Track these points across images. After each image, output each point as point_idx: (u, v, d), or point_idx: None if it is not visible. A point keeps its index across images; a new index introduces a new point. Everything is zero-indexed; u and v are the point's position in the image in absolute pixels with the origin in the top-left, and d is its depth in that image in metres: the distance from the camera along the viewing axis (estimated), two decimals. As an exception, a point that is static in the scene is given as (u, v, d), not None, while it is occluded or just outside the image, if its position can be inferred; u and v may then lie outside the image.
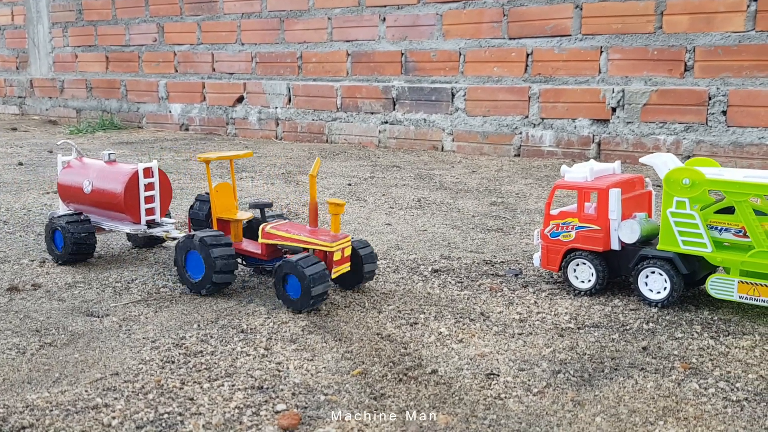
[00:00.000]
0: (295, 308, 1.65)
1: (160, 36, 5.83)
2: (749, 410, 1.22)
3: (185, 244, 1.77)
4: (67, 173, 2.11)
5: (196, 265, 1.77)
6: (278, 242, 1.76)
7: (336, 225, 1.71)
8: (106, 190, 2.01)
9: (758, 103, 3.53)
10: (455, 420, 1.20)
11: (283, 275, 1.65)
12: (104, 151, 2.09)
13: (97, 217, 2.08)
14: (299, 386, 1.31)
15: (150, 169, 2.03)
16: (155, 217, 2.05)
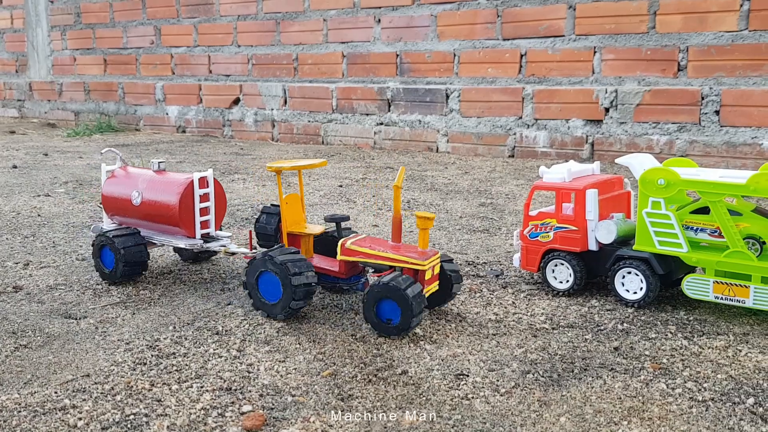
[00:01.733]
0: (390, 334, 1.51)
1: (158, 38, 5.85)
2: (714, 410, 1.22)
3: (261, 264, 1.59)
4: (112, 184, 1.95)
5: (272, 287, 1.60)
6: (361, 259, 1.59)
7: (424, 241, 1.55)
8: (159, 202, 1.85)
9: (751, 102, 3.52)
10: (420, 420, 1.21)
11: (376, 297, 1.50)
12: (153, 159, 1.95)
13: (147, 231, 1.92)
14: (268, 387, 1.32)
15: (205, 178, 1.87)
16: (210, 231, 1.89)
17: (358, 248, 1.59)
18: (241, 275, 1.95)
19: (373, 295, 1.50)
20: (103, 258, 1.89)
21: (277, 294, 1.59)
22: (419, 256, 1.53)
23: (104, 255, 1.89)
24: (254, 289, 1.62)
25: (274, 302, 1.60)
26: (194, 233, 1.86)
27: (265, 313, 1.63)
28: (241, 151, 4.67)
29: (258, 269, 1.60)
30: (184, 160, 4.20)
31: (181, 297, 1.82)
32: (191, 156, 4.40)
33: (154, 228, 1.90)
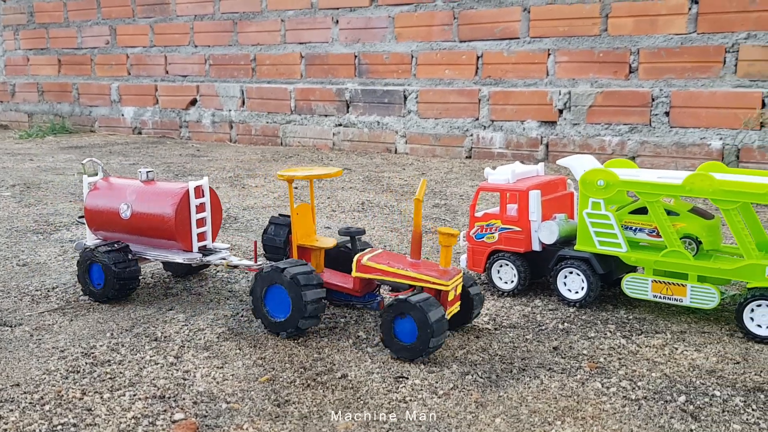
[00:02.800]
0: (407, 356, 1.41)
1: (113, 38, 5.74)
2: (646, 409, 1.24)
3: (270, 277, 1.49)
4: (96, 197, 1.82)
5: (279, 303, 1.50)
6: (378, 277, 1.50)
7: (447, 258, 1.45)
8: (152, 214, 1.72)
9: (699, 103, 3.60)
10: (355, 424, 1.20)
11: (393, 317, 1.40)
12: (141, 169, 1.82)
13: (138, 246, 1.79)
14: (202, 394, 1.29)
15: (201, 187, 1.75)
16: (207, 243, 1.78)
17: (376, 265, 1.49)
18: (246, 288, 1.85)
19: (391, 313, 1.40)
20: (91, 276, 1.75)
21: (285, 310, 1.50)
22: (442, 275, 1.44)
23: (93, 273, 1.75)
24: (260, 305, 1.52)
25: (281, 319, 1.50)
26: (191, 246, 1.74)
27: (272, 330, 1.53)
28: (197, 152, 4.61)
29: (266, 283, 1.50)
30: (138, 162, 4.13)
31: (122, 302, 1.78)
32: (146, 158, 4.33)
33: (146, 242, 1.78)
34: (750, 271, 1.52)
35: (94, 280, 1.75)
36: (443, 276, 1.44)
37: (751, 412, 1.22)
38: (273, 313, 1.52)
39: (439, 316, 1.38)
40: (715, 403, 1.26)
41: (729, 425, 1.18)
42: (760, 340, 1.50)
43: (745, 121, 3.48)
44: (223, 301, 1.78)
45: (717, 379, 1.35)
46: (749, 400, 1.26)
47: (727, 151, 3.54)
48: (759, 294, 1.50)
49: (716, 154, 3.56)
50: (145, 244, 1.79)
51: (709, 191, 1.53)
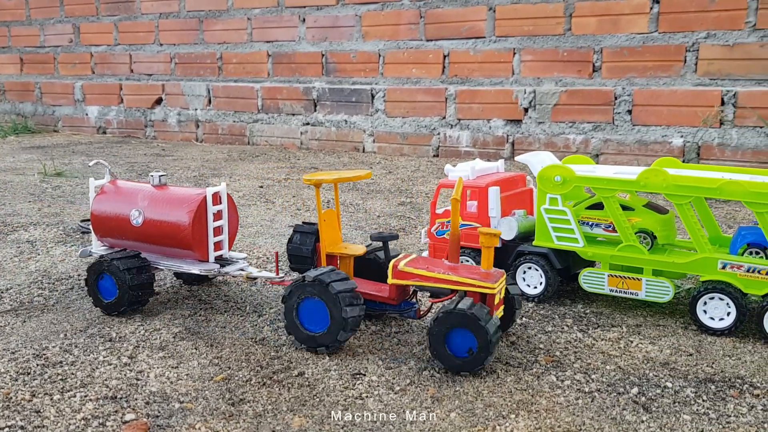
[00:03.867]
0: (460, 369, 1.33)
1: (76, 37, 5.64)
2: (599, 401, 1.25)
3: (306, 289, 1.40)
4: (104, 201, 1.71)
5: (316, 316, 1.41)
6: (418, 283, 1.42)
7: (488, 260, 1.39)
8: (166, 222, 1.62)
9: (661, 102, 3.66)
10: (310, 422, 1.19)
11: (446, 327, 1.32)
12: (153, 173, 1.72)
13: (150, 255, 1.68)
14: (155, 395, 1.27)
15: (218, 193, 1.65)
16: (223, 252, 1.68)
17: (414, 270, 1.41)
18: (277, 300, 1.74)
19: (444, 324, 1.32)
20: (101, 287, 1.64)
21: (322, 323, 1.41)
22: (485, 277, 1.37)
23: (104, 283, 1.63)
24: (293, 317, 1.43)
25: (318, 332, 1.41)
26: (207, 256, 1.64)
27: (307, 344, 1.43)
28: (162, 152, 4.55)
29: (300, 295, 1.42)
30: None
31: (78, 303, 1.75)
32: (109, 158, 4.26)
33: (158, 251, 1.67)
34: (703, 265, 1.55)
35: (104, 292, 1.64)
36: (488, 278, 1.36)
37: (701, 403, 1.25)
38: (308, 326, 1.43)
39: (497, 327, 1.31)
40: (667, 394, 1.27)
41: (679, 416, 1.20)
42: (712, 332, 1.53)
43: (703, 119, 3.54)
44: (181, 300, 1.76)
45: (670, 371, 1.37)
46: (700, 391, 1.29)
47: (687, 149, 3.60)
48: (711, 287, 1.53)
49: (677, 152, 3.62)
50: (157, 253, 1.68)
51: (662, 186, 1.56)
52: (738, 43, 3.48)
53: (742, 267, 1.51)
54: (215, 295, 1.79)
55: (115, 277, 1.60)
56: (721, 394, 1.28)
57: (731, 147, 3.52)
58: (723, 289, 1.51)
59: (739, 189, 1.49)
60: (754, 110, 3.44)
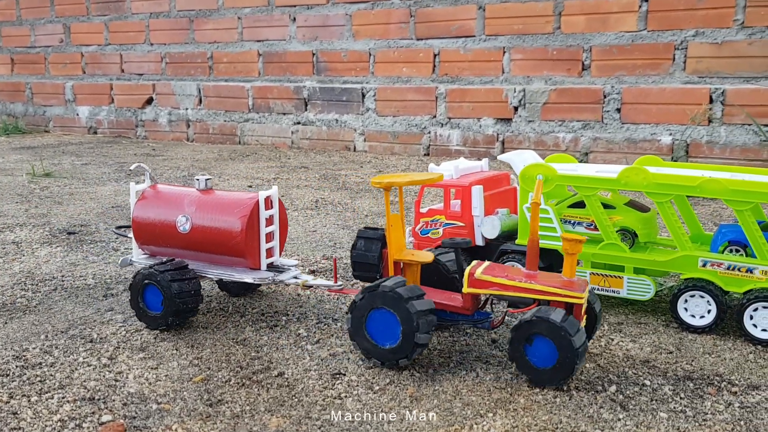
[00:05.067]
0: (542, 382, 1.27)
1: (67, 37, 5.63)
2: (577, 399, 1.25)
3: (372, 300, 1.33)
4: (147, 207, 1.62)
5: (385, 329, 1.33)
6: (497, 292, 1.34)
7: (572, 267, 1.30)
8: (216, 228, 1.54)
9: (650, 100, 3.66)
10: (287, 422, 1.19)
11: (527, 336, 1.26)
12: (199, 176, 1.63)
13: (197, 264, 1.60)
14: (133, 395, 1.27)
15: (270, 198, 1.58)
16: (274, 259, 1.61)
17: (492, 278, 1.34)
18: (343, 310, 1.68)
19: (524, 332, 1.26)
20: (148, 299, 1.53)
21: (392, 337, 1.33)
22: (568, 286, 1.29)
23: (149, 295, 1.53)
24: (360, 328, 1.36)
25: (387, 346, 1.34)
26: (259, 264, 1.56)
27: (375, 358, 1.36)
28: (153, 152, 4.54)
29: (370, 306, 1.34)
30: (90, 162, 4.06)
31: (60, 304, 1.75)
32: (99, 158, 4.25)
33: (206, 259, 1.59)
34: (683, 263, 1.55)
35: (150, 304, 1.54)
36: (572, 287, 1.29)
37: (678, 401, 1.25)
38: (376, 339, 1.35)
39: (584, 338, 1.25)
40: (645, 392, 1.28)
41: (656, 413, 1.20)
42: (693, 330, 1.53)
43: (691, 116, 3.55)
44: (164, 301, 1.76)
45: (649, 369, 1.37)
46: (678, 389, 1.29)
47: (676, 146, 3.61)
48: (692, 284, 1.53)
49: (666, 150, 3.63)
50: (204, 261, 1.59)
51: (643, 185, 1.56)
52: (726, 41, 3.48)
53: (723, 265, 1.51)
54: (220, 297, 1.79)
55: (162, 289, 1.50)
56: (699, 391, 1.28)
57: (720, 145, 3.53)
58: (703, 287, 1.52)
59: (719, 187, 1.49)
60: (742, 108, 3.45)
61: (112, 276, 1.96)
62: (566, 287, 1.29)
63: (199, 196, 1.60)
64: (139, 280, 1.53)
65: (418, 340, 1.30)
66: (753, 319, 1.48)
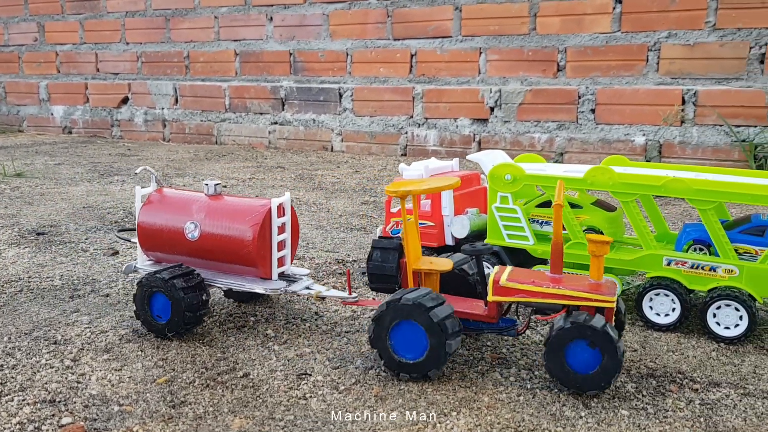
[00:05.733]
0: (581, 388, 1.24)
1: (41, 35, 5.56)
2: (540, 397, 1.26)
3: (398, 311, 1.28)
4: (152, 212, 1.56)
5: (411, 341, 1.29)
6: (524, 299, 1.30)
7: (599, 270, 1.27)
8: (227, 236, 1.49)
9: (623, 101, 3.70)
10: (250, 423, 1.18)
11: (567, 342, 1.23)
12: (208, 182, 1.57)
13: (205, 272, 1.55)
14: (95, 397, 1.26)
15: (282, 205, 1.54)
16: (285, 268, 1.56)
17: (519, 285, 1.30)
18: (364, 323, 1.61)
19: (564, 338, 1.22)
20: (154, 306, 1.48)
21: (418, 349, 1.29)
22: (596, 289, 1.26)
23: (156, 302, 1.48)
24: (384, 342, 1.31)
25: (413, 359, 1.30)
26: (270, 273, 1.51)
27: (397, 371, 1.32)
28: (128, 152, 4.50)
29: (395, 318, 1.29)
30: (63, 162, 4.01)
31: (26, 305, 1.72)
32: (72, 158, 4.20)
33: (214, 267, 1.53)
34: (648, 262, 1.57)
35: (156, 311, 1.49)
36: (601, 290, 1.25)
37: (640, 398, 1.26)
38: (399, 352, 1.31)
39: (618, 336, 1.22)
40: (608, 390, 1.29)
41: (618, 411, 1.21)
42: (658, 328, 1.55)
43: (664, 117, 3.59)
44: (131, 302, 1.74)
45: (613, 367, 1.38)
46: (641, 386, 1.30)
47: (650, 147, 3.65)
48: (657, 283, 1.55)
49: (640, 150, 3.67)
50: (212, 269, 1.54)
51: (609, 184, 1.57)
52: (698, 42, 3.53)
53: (686, 263, 1.53)
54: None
55: (170, 297, 1.45)
56: (661, 389, 1.29)
57: (692, 145, 3.57)
58: (668, 285, 1.53)
59: (683, 187, 1.51)
60: (713, 109, 3.49)
61: (80, 277, 1.93)
62: (595, 291, 1.25)
63: (209, 202, 1.54)
64: (145, 287, 1.47)
65: (449, 348, 1.27)
66: (716, 317, 1.49)
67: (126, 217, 2.65)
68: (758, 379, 1.34)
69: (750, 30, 3.42)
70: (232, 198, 1.56)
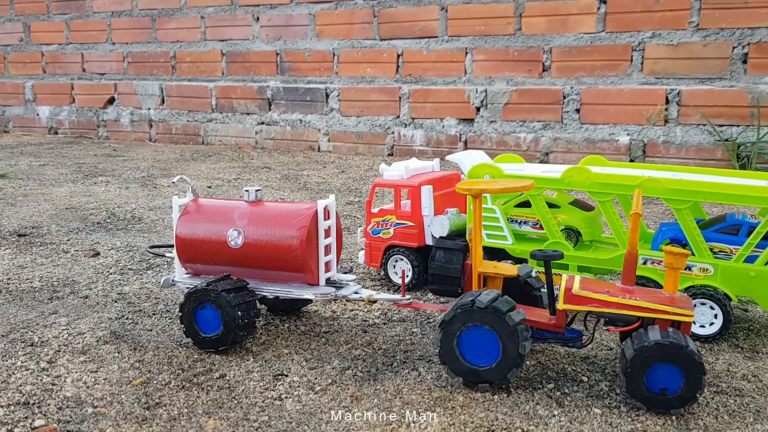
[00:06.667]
0: (662, 408, 1.20)
1: (27, 35, 5.53)
2: (515, 396, 1.27)
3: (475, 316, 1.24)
4: (192, 222, 1.52)
5: (481, 347, 1.25)
6: (596, 309, 1.26)
7: (675, 282, 1.23)
8: (273, 242, 1.45)
9: (608, 101, 3.72)
10: (224, 424, 1.18)
11: (649, 361, 1.18)
12: (248, 188, 1.54)
13: (250, 281, 1.51)
14: (69, 399, 1.26)
15: (327, 208, 1.50)
16: (332, 274, 1.52)
17: (593, 294, 1.25)
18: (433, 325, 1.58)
19: (645, 357, 1.18)
20: (200, 320, 1.44)
21: (490, 356, 1.25)
22: (672, 302, 1.22)
23: (204, 315, 1.44)
24: (452, 347, 1.27)
25: (484, 366, 1.26)
26: (318, 279, 1.48)
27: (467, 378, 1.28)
28: (114, 152, 4.48)
29: (466, 322, 1.25)
30: (48, 163, 3.99)
31: (4, 308, 1.71)
32: (58, 158, 4.18)
33: (258, 275, 1.50)
34: (625, 261, 1.58)
35: (203, 325, 1.44)
36: (678, 304, 1.22)
37: (614, 397, 1.27)
38: (469, 358, 1.27)
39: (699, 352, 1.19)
40: (582, 388, 1.30)
41: (591, 409, 1.22)
42: (635, 326, 1.56)
43: (647, 117, 3.61)
44: (110, 304, 1.74)
45: (588, 366, 1.39)
46: (615, 385, 1.31)
47: (634, 146, 3.67)
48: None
49: (624, 150, 3.69)
50: (256, 278, 1.51)
51: (585, 184, 1.58)
52: (682, 42, 3.55)
53: (662, 262, 1.54)
54: (145, 298, 1.77)
55: (220, 309, 1.41)
56: (634, 387, 1.30)
57: (676, 144, 3.59)
58: (644, 285, 1.54)
59: (658, 186, 1.52)
60: (697, 108, 3.52)
61: (60, 278, 1.93)
62: (672, 304, 1.22)
63: (251, 209, 1.51)
64: (193, 300, 1.43)
65: (523, 349, 1.23)
66: (691, 315, 1.50)
67: (108, 218, 2.64)
68: (731, 377, 1.35)
69: (733, 30, 3.45)
70: (274, 203, 1.54)
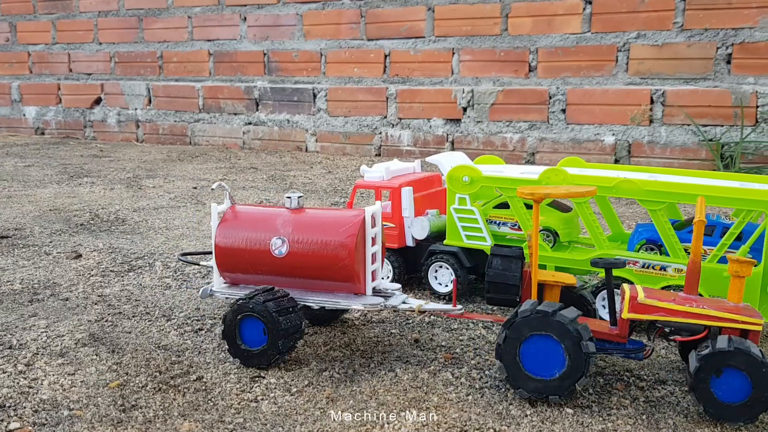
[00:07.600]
0: (726, 417, 1.17)
1: (13, 35, 5.50)
2: (488, 397, 1.28)
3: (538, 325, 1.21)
4: (232, 230, 1.46)
5: (545, 357, 1.22)
6: (662, 318, 1.23)
7: (739, 292, 1.21)
8: (320, 250, 1.40)
9: (593, 101, 3.74)
10: (199, 426, 1.19)
11: (716, 368, 1.16)
12: (291, 194, 1.49)
13: (293, 291, 1.45)
14: (45, 402, 1.26)
15: (374, 215, 1.44)
16: (377, 283, 1.46)
17: (659, 303, 1.22)
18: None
19: (711, 364, 1.16)
20: (245, 333, 1.39)
21: (553, 366, 1.22)
22: (739, 311, 1.20)
23: (248, 328, 1.38)
24: (514, 357, 1.23)
25: (548, 377, 1.22)
26: (365, 288, 1.42)
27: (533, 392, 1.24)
28: (100, 153, 4.47)
29: (528, 332, 1.22)
30: (33, 164, 3.97)
31: (-17, 311, 1.71)
32: (43, 159, 4.17)
33: (302, 285, 1.45)
34: (602, 261, 1.59)
35: (248, 339, 1.39)
36: (746, 312, 1.20)
37: (587, 396, 1.28)
38: (531, 369, 1.23)
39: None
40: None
41: (563, 409, 1.23)
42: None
43: (631, 117, 3.63)
44: (90, 306, 1.74)
45: (564, 366, 1.40)
46: (588, 384, 1.32)
47: (619, 146, 3.69)
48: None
49: (609, 150, 3.71)
50: (300, 287, 1.45)
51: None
52: (667, 43, 3.57)
53: (638, 263, 1.56)
54: (126, 300, 1.77)
55: (266, 322, 1.36)
56: (607, 387, 1.32)
57: (660, 144, 3.62)
58: (620, 285, 1.55)
59: (633, 187, 1.53)
60: (681, 108, 3.54)
61: (41, 281, 1.92)
62: (740, 312, 1.20)
63: (294, 216, 1.46)
64: (235, 312, 1.38)
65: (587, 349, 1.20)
66: (666, 315, 1.52)
67: (92, 219, 2.64)
68: (704, 377, 1.36)
69: (717, 31, 3.47)
70: (318, 210, 1.49)
